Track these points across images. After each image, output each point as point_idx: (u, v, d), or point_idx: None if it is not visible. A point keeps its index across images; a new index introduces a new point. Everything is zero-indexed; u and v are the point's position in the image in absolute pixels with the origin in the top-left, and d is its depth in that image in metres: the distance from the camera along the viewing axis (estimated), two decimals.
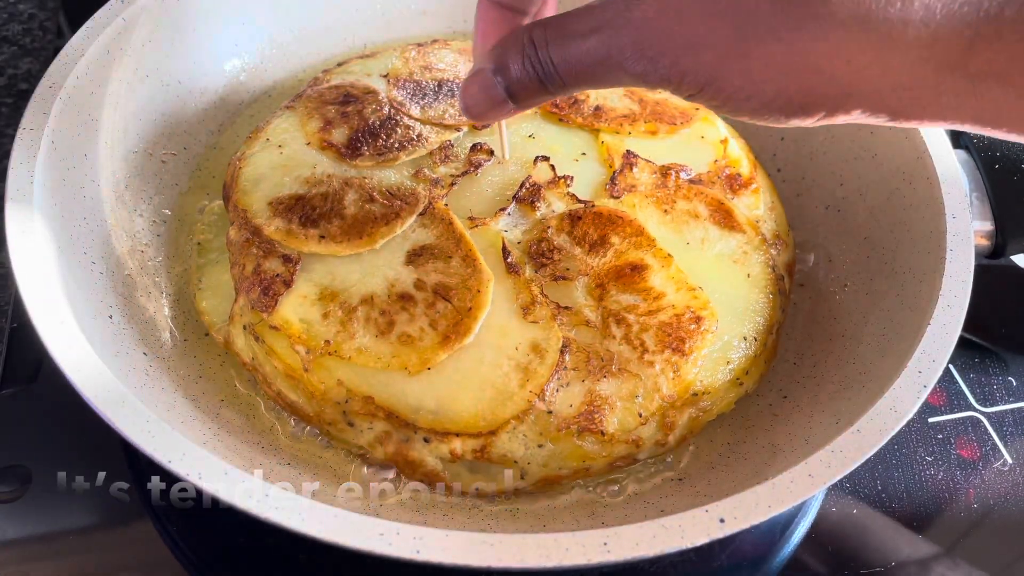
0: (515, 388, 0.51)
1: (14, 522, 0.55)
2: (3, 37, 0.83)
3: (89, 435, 0.58)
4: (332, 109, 0.65)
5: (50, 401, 0.60)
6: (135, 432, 0.43)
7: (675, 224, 0.60)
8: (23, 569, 0.53)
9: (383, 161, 0.61)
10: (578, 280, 0.56)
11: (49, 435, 0.59)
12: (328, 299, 0.55)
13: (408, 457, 0.52)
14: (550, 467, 0.52)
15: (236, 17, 0.74)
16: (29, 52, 0.81)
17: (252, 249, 0.57)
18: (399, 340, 0.53)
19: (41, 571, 0.53)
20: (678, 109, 0.68)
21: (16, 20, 0.83)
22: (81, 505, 0.56)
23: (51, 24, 0.86)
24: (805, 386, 0.60)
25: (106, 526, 0.56)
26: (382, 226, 0.57)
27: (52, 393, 0.61)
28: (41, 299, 0.48)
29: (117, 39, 0.64)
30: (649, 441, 0.53)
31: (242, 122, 0.74)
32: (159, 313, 0.59)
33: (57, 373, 0.60)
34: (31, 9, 0.85)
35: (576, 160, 0.63)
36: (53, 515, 0.55)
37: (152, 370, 0.54)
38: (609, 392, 0.52)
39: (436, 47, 0.73)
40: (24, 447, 0.58)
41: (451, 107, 0.66)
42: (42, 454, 0.58)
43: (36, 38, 0.83)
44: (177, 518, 0.56)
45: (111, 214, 0.61)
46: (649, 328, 0.54)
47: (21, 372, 0.62)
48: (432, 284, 0.55)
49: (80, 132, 0.59)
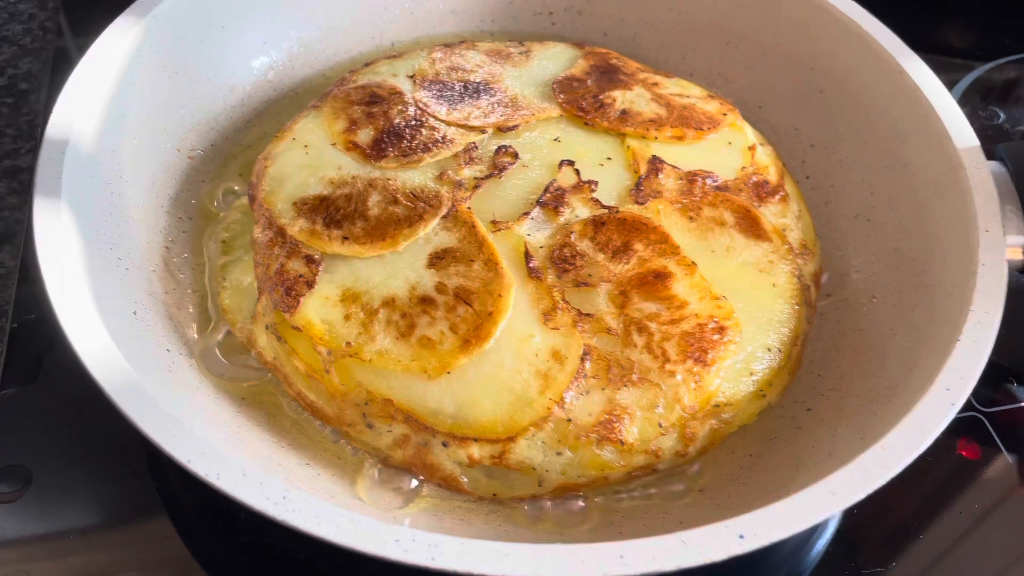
0: (534, 395, 0.51)
1: (14, 522, 0.55)
2: (3, 37, 0.83)
3: (89, 435, 0.58)
4: (358, 109, 0.65)
5: (50, 401, 0.60)
6: (154, 429, 0.43)
7: (700, 231, 0.60)
8: (23, 569, 0.53)
9: (407, 163, 0.61)
10: (600, 287, 0.55)
11: (49, 435, 0.59)
12: (350, 301, 0.55)
13: (427, 461, 0.52)
14: (568, 475, 0.51)
15: (265, 15, 0.74)
16: (29, 52, 0.82)
17: (276, 249, 0.57)
18: (419, 343, 0.53)
19: (41, 571, 0.53)
20: (706, 114, 0.67)
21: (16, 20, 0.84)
22: (81, 505, 0.56)
23: (51, 24, 0.86)
24: (829, 399, 0.59)
25: (106, 526, 0.56)
26: (405, 228, 0.57)
27: (52, 393, 0.61)
28: (66, 295, 0.49)
29: (147, 36, 0.65)
30: (669, 452, 0.52)
31: (269, 120, 0.74)
32: (183, 310, 0.60)
33: (57, 373, 0.61)
34: (31, 9, 0.86)
35: (601, 165, 0.63)
36: (53, 515, 0.55)
37: (175, 367, 0.55)
38: (629, 401, 0.51)
39: (463, 48, 0.73)
40: (24, 447, 0.58)
41: (476, 108, 0.66)
42: (42, 454, 0.58)
43: (36, 38, 0.83)
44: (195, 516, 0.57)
45: (137, 210, 0.61)
46: (671, 337, 0.53)
47: (21, 372, 0.62)
48: (453, 288, 0.55)
49: (108, 128, 0.60)
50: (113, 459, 0.58)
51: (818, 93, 0.73)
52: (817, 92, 0.74)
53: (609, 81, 0.69)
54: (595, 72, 0.70)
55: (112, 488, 0.57)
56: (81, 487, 0.57)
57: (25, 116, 0.78)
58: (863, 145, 0.70)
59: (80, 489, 0.57)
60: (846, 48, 0.71)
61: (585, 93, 0.67)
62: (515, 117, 0.65)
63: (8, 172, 0.74)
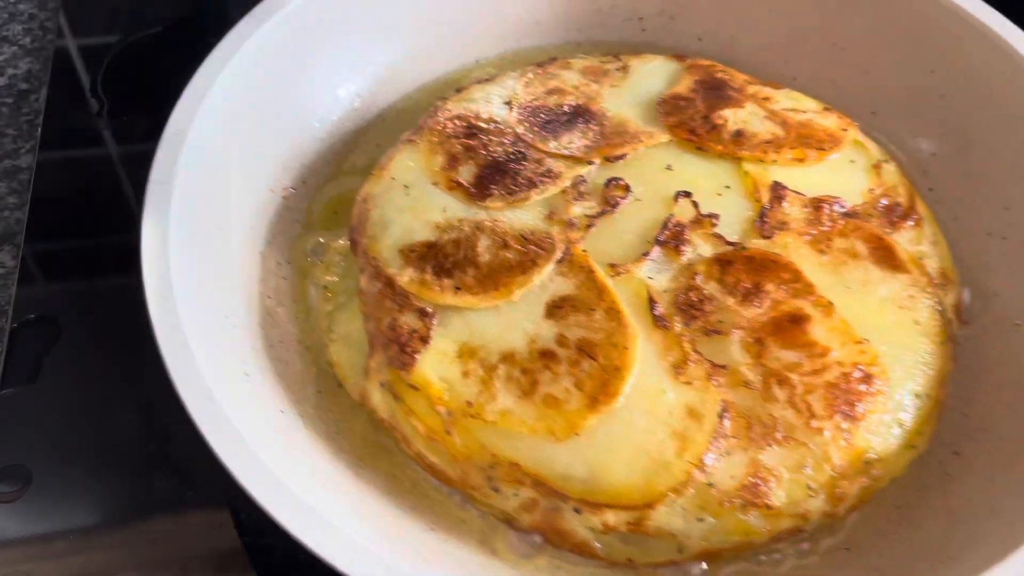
0: (671, 457, 0.48)
1: (14, 522, 0.55)
2: (3, 37, 0.83)
3: (89, 435, 0.58)
4: (456, 143, 0.62)
5: (50, 401, 0.60)
6: (297, 526, 0.42)
7: (832, 266, 0.56)
8: (23, 569, 0.53)
9: (514, 201, 0.58)
10: (732, 334, 0.52)
11: (49, 435, 0.59)
12: (467, 356, 0.52)
13: (557, 526, 0.50)
14: (711, 541, 0.49)
15: (349, 41, 0.71)
16: (29, 52, 0.82)
17: (386, 302, 0.55)
18: (544, 402, 0.50)
19: (41, 571, 0.53)
20: (825, 131, 0.63)
21: (16, 20, 0.84)
22: (81, 505, 0.56)
23: (51, 24, 0.86)
24: (977, 440, 0.55)
25: (106, 526, 0.56)
26: (519, 275, 0.54)
27: (52, 393, 0.61)
28: (184, 368, 0.47)
29: (236, 77, 0.62)
30: (817, 514, 0.49)
31: (360, 150, 0.71)
32: (290, 366, 0.58)
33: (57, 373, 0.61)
34: (31, 9, 0.86)
35: (719, 194, 0.59)
36: (53, 515, 0.55)
37: (290, 429, 0.53)
38: (775, 462, 0.48)
39: (556, 67, 0.70)
40: (24, 447, 0.58)
41: (579, 136, 0.62)
42: (42, 454, 0.58)
43: (36, 38, 0.83)
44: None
45: (239, 259, 0.59)
46: (815, 389, 0.50)
47: (21, 372, 0.61)
48: (575, 340, 0.52)
49: (207, 180, 0.58)
50: (113, 459, 0.58)
51: (939, 98, 0.68)
52: (938, 97, 0.68)
53: (718, 98, 0.65)
54: (701, 89, 0.66)
55: (112, 488, 0.57)
56: (81, 487, 0.57)
57: (25, 116, 0.78)
58: (993, 155, 0.65)
59: (80, 489, 0.57)
60: (972, 49, 0.66)
61: (694, 114, 0.63)
62: (622, 145, 0.61)
63: (8, 172, 0.74)
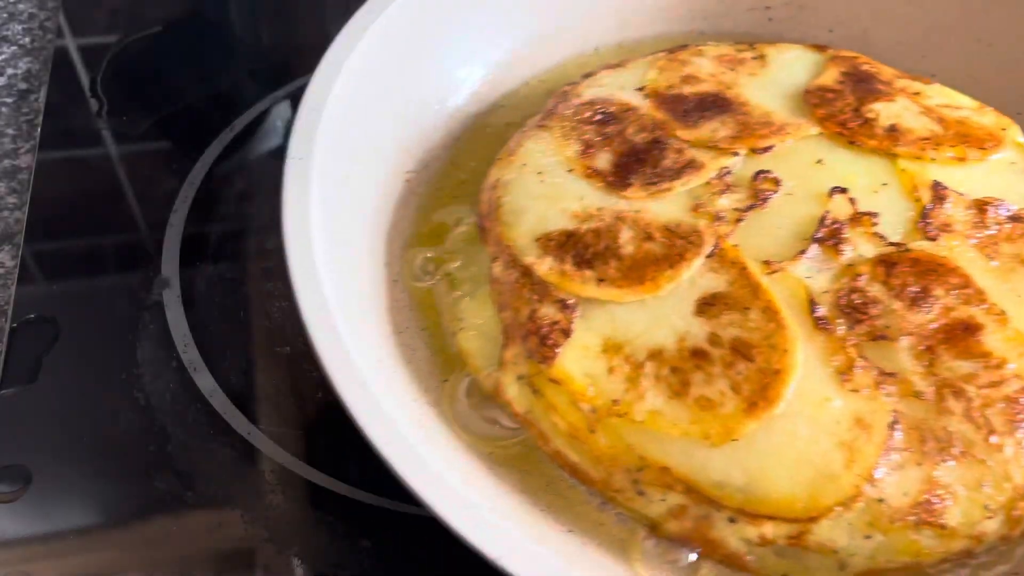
0: (839, 469, 0.45)
1: (14, 522, 0.54)
2: (3, 37, 0.83)
3: (89, 435, 0.58)
4: (590, 130, 0.60)
5: (50, 401, 0.60)
6: (462, 524, 0.40)
7: (1002, 272, 0.52)
8: (23, 569, 0.52)
9: (656, 191, 0.56)
10: (900, 340, 0.49)
11: (49, 435, 0.58)
12: (612, 351, 0.50)
13: (708, 536, 0.47)
14: (877, 560, 0.46)
15: (472, 25, 0.70)
16: (29, 52, 0.82)
17: (524, 292, 0.53)
18: (697, 404, 0.47)
19: (41, 571, 0.52)
20: (984, 130, 0.59)
21: (16, 20, 0.84)
22: (81, 505, 0.55)
23: (51, 24, 0.86)
24: None
25: (106, 526, 0.55)
26: (666, 269, 0.52)
27: (52, 393, 0.60)
28: (333, 350, 0.46)
29: (363, 60, 0.61)
30: (992, 536, 0.46)
31: (478, 134, 0.69)
32: (418, 352, 0.56)
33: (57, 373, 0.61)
34: (31, 9, 0.86)
35: (876, 192, 0.56)
36: (53, 515, 0.55)
37: (425, 420, 0.51)
38: (951, 479, 0.45)
39: (688, 54, 0.67)
40: (24, 447, 0.57)
41: (722, 126, 0.59)
42: (42, 454, 0.57)
43: (36, 38, 0.83)
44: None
45: (369, 244, 0.58)
46: (993, 403, 0.46)
47: (21, 372, 0.61)
48: (729, 340, 0.49)
49: (339, 163, 0.56)
50: (113, 459, 0.57)
51: None
52: None
53: (867, 91, 0.61)
54: (849, 80, 0.62)
55: (112, 488, 0.56)
56: (81, 487, 0.56)
57: (25, 116, 0.78)
58: None
59: (80, 489, 0.56)
60: None
61: (844, 106, 0.60)
62: (768, 136, 0.58)
63: (8, 172, 0.74)
